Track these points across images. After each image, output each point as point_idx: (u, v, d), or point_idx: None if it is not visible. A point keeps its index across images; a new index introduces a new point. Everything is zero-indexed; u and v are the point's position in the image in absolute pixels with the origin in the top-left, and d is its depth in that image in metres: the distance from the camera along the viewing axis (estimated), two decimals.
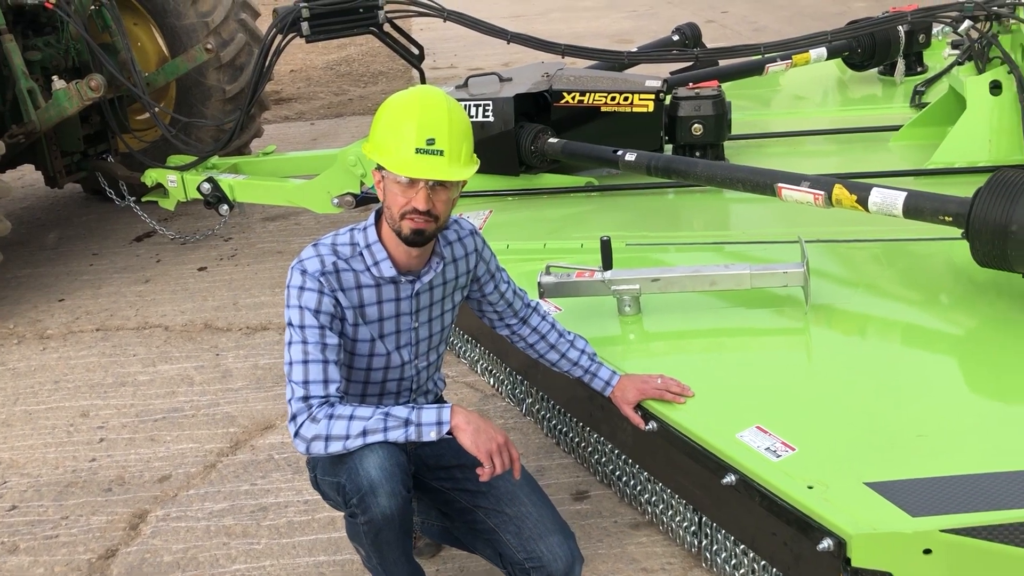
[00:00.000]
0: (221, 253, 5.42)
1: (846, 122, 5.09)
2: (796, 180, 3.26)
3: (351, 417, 2.15)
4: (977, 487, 2.10)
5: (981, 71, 4.39)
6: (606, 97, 4.36)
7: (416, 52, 5.17)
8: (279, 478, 3.24)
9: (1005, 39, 4.37)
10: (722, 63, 5.48)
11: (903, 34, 5.65)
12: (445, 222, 2.30)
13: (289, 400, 2.20)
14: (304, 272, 2.25)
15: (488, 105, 4.30)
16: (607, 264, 3.05)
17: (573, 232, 3.88)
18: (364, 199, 4.58)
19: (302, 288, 2.24)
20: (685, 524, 2.60)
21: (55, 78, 4.95)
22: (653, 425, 2.55)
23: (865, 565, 2.03)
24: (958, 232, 2.92)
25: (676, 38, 5.98)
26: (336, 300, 2.26)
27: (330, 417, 2.15)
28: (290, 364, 2.22)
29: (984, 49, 4.44)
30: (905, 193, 3.01)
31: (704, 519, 2.52)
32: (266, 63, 4.84)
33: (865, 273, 3.34)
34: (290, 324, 2.25)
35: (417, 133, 2.17)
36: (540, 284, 3.09)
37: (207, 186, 5.06)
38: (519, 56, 8.91)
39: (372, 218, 2.34)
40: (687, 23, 6.07)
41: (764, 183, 3.37)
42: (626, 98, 4.34)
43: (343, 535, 2.74)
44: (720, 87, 4.44)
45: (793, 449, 2.31)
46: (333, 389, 2.20)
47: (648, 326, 3.06)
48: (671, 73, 5.35)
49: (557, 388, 3.10)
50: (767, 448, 2.32)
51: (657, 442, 2.57)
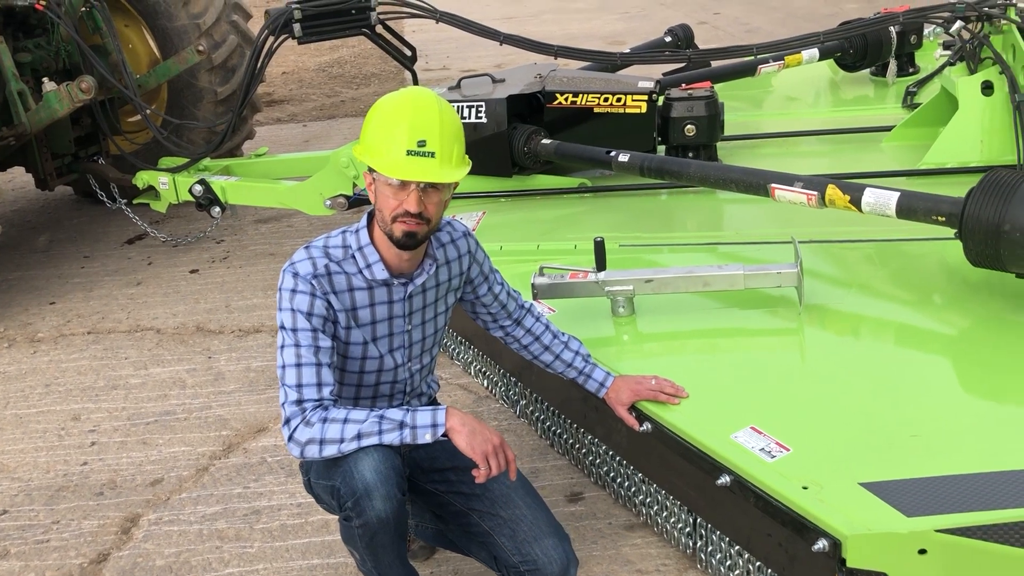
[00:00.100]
0: (213, 255, 5.40)
1: (838, 123, 5.09)
2: (789, 180, 3.27)
3: (345, 420, 2.14)
4: (972, 487, 2.10)
5: (973, 72, 4.40)
6: (599, 98, 4.35)
7: (409, 54, 5.15)
8: (272, 481, 3.22)
9: (996, 39, 4.37)
10: (715, 64, 5.49)
11: (895, 35, 5.66)
12: (437, 224, 2.29)
13: (282, 404, 2.19)
14: (296, 275, 2.24)
15: (481, 106, 4.30)
16: (601, 265, 3.05)
17: (566, 233, 3.88)
18: (357, 201, 4.56)
19: (294, 291, 2.23)
20: (680, 525, 2.59)
21: (45, 80, 4.93)
22: (647, 426, 2.55)
23: (860, 566, 2.02)
24: (951, 232, 2.93)
25: (669, 39, 5.99)
26: (328, 303, 2.25)
27: (324, 420, 2.14)
28: (283, 367, 2.21)
29: (976, 50, 4.44)
30: (898, 193, 3.01)
31: (699, 520, 2.52)
32: (258, 65, 4.82)
33: (859, 273, 3.34)
34: (282, 327, 2.23)
35: (408, 135, 2.16)
36: (534, 285, 3.09)
37: (199, 188, 5.05)
38: (512, 58, 8.92)
39: (364, 220, 2.33)
40: (679, 24, 6.09)
41: (757, 184, 3.37)
42: (619, 99, 4.34)
43: (337, 538, 2.73)
44: (713, 88, 4.45)
45: (788, 450, 2.31)
46: (327, 392, 2.19)
47: (642, 327, 3.06)
48: (663, 74, 5.35)
49: (551, 390, 3.10)
50: (762, 449, 2.32)
51: (651, 443, 2.57)
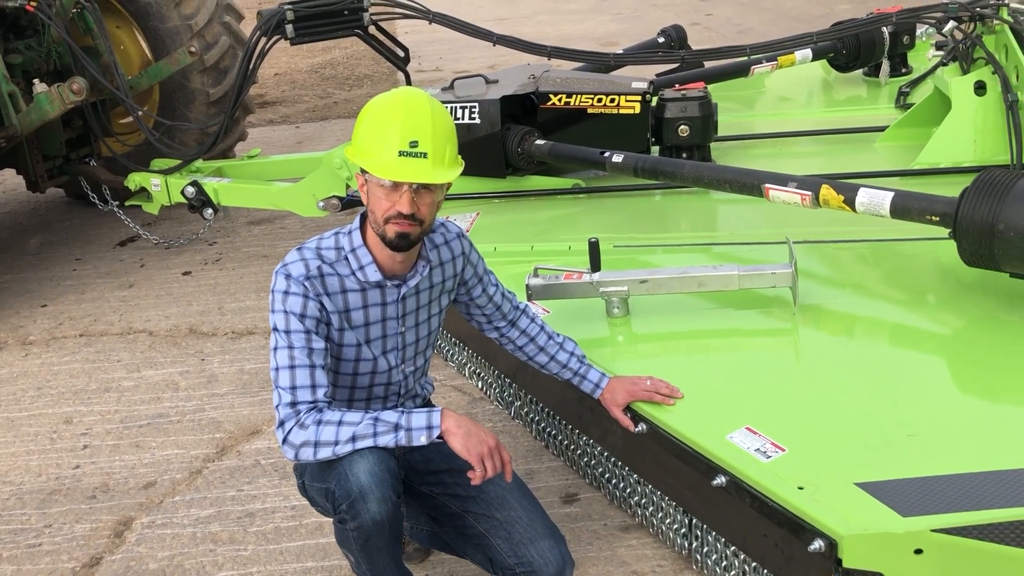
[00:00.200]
0: (206, 257, 5.38)
1: (832, 123, 5.10)
2: (783, 181, 3.27)
3: (340, 422, 2.13)
4: (967, 486, 2.10)
5: (966, 72, 4.41)
6: (592, 99, 4.35)
7: (402, 55, 5.15)
8: (266, 484, 3.21)
9: (989, 39, 4.38)
10: (708, 65, 5.49)
11: (887, 35, 5.68)
12: (430, 225, 2.28)
13: (276, 406, 2.18)
14: (288, 276, 2.23)
15: (474, 107, 4.29)
16: (595, 266, 3.05)
17: (560, 234, 3.87)
18: (350, 202, 4.55)
19: (287, 292, 2.22)
20: (675, 526, 2.59)
21: (36, 81, 4.90)
22: (643, 427, 2.54)
23: (856, 566, 2.02)
24: (945, 232, 2.93)
25: (662, 40, 5.99)
26: (321, 304, 2.24)
27: (318, 423, 2.13)
28: (276, 369, 2.19)
29: (968, 50, 4.46)
30: (892, 193, 3.01)
31: (694, 521, 2.51)
32: (250, 66, 4.81)
33: (853, 273, 3.34)
34: (275, 329, 2.22)
35: (400, 136, 2.15)
36: (528, 286, 3.08)
37: (191, 190, 5.02)
38: (505, 59, 8.91)
39: (357, 221, 2.32)
40: (672, 25, 6.08)
41: (751, 184, 3.37)
42: (612, 100, 4.34)
43: (331, 541, 2.72)
44: (706, 88, 4.44)
45: (783, 450, 2.30)
46: (321, 394, 2.18)
47: (637, 328, 3.06)
48: (657, 75, 5.35)
49: (546, 391, 3.09)
50: (757, 449, 2.31)
51: (647, 444, 2.57)
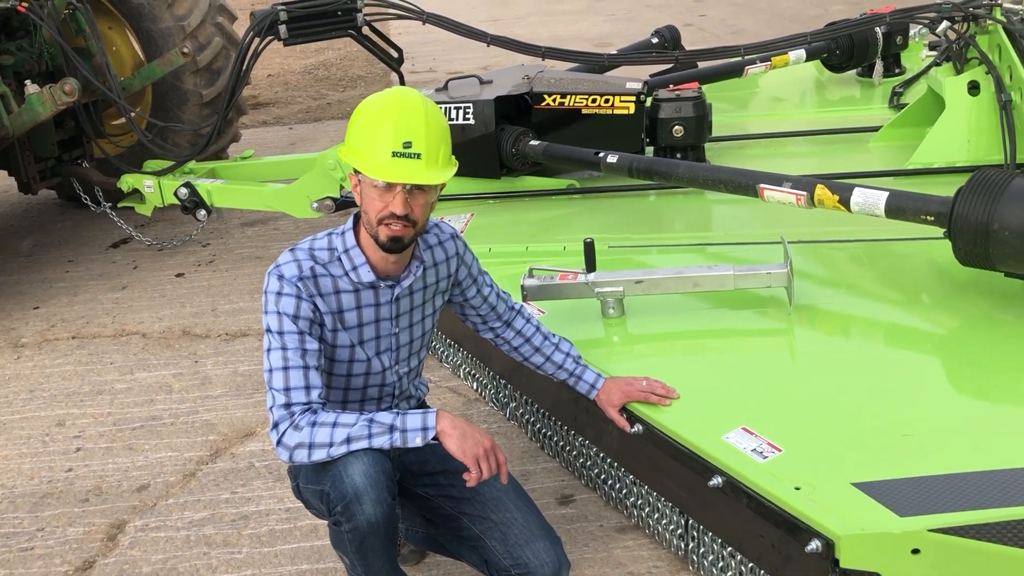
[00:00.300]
0: (199, 259, 5.36)
1: (825, 123, 5.10)
2: (778, 181, 3.26)
3: (334, 424, 2.11)
4: (964, 486, 2.10)
5: (959, 72, 4.42)
6: (587, 99, 4.34)
7: (396, 55, 5.14)
8: (260, 486, 3.20)
9: (982, 39, 4.39)
10: (702, 65, 5.49)
11: (881, 36, 5.68)
12: (424, 227, 2.27)
13: (270, 408, 2.17)
14: (281, 277, 2.22)
15: (468, 108, 4.28)
16: (590, 266, 3.04)
17: (555, 235, 3.87)
18: (344, 203, 4.53)
19: (279, 293, 2.21)
20: (672, 527, 2.58)
21: (28, 83, 4.88)
22: (638, 428, 2.53)
23: (854, 566, 2.02)
24: (940, 232, 2.93)
25: (655, 41, 5.99)
26: (314, 305, 2.23)
27: (313, 424, 2.12)
28: (270, 371, 2.18)
29: (962, 50, 4.46)
30: (887, 193, 3.01)
31: (691, 522, 2.50)
32: (243, 67, 4.79)
33: (848, 273, 3.34)
34: (268, 330, 2.21)
35: (394, 136, 2.14)
36: (523, 287, 3.07)
37: (184, 191, 5.01)
38: (499, 59, 8.90)
39: (350, 222, 2.31)
40: (666, 26, 6.09)
41: (746, 184, 3.37)
42: (607, 100, 4.33)
43: (326, 543, 2.70)
44: (701, 89, 4.44)
45: (779, 450, 2.30)
46: (315, 395, 2.17)
47: (632, 328, 3.05)
48: (651, 75, 5.35)
49: (541, 392, 3.08)
50: (753, 449, 2.31)
51: (642, 445, 2.56)
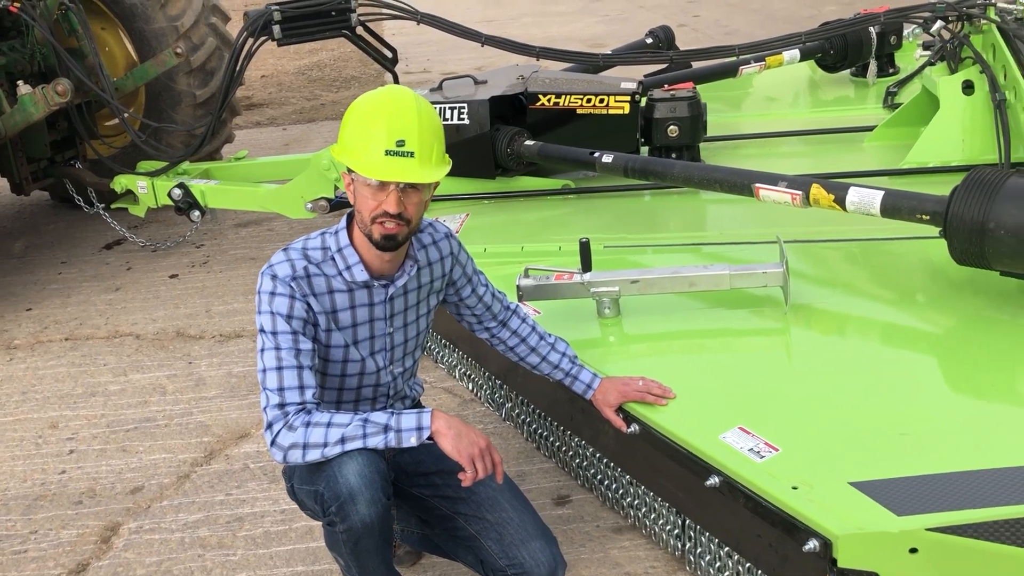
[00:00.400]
0: (193, 260, 5.34)
1: (820, 123, 5.10)
2: (773, 180, 3.26)
3: (329, 424, 2.10)
4: (961, 485, 2.10)
5: (953, 71, 4.42)
6: (582, 99, 4.34)
7: (390, 55, 5.13)
8: (255, 488, 3.18)
9: (976, 39, 4.40)
10: (696, 65, 5.49)
11: (875, 36, 5.69)
12: (417, 225, 2.27)
13: (264, 408, 2.16)
14: (275, 277, 2.21)
15: (463, 108, 4.27)
16: (586, 266, 3.03)
17: (551, 235, 3.86)
18: (338, 204, 4.53)
19: (273, 293, 2.20)
20: (668, 527, 2.57)
21: (20, 83, 4.86)
22: (635, 428, 2.52)
23: (851, 565, 2.01)
24: (935, 230, 2.93)
25: (650, 41, 5.98)
26: (308, 305, 2.22)
27: (307, 424, 2.10)
28: (263, 371, 2.17)
29: (956, 49, 4.47)
30: (882, 192, 3.01)
31: (688, 522, 2.50)
32: (237, 67, 4.77)
33: (843, 273, 3.34)
34: (262, 330, 2.20)
35: (387, 134, 2.13)
36: (519, 287, 3.06)
37: (178, 192, 4.99)
38: (493, 60, 8.90)
39: (344, 221, 2.30)
40: (660, 26, 6.08)
41: (742, 183, 3.36)
42: (602, 100, 4.32)
43: (321, 545, 2.69)
44: (695, 89, 4.44)
45: (776, 450, 2.29)
46: (309, 395, 2.15)
47: (628, 328, 3.04)
48: (645, 75, 5.34)
49: (537, 392, 3.07)
50: (750, 449, 2.30)
51: (639, 445, 2.55)
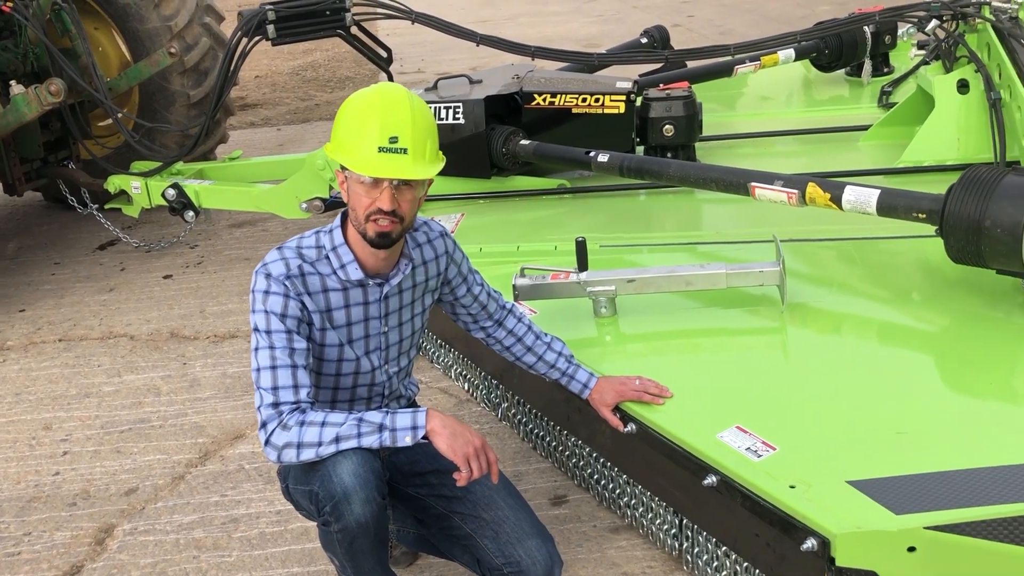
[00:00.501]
0: (187, 260, 5.32)
1: (815, 123, 5.10)
2: (769, 179, 3.25)
3: (323, 423, 2.09)
4: (959, 483, 2.09)
5: (948, 70, 4.42)
6: (577, 99, 4.33)
7: (384, 55, 5.12)
8: (250, 488, 3.17)
9: (971, 38, 4.40)
10: (691, 64, 5.48)
11: (869, 35, 5.70)
12: (411, 223, 2.26)
13: (258, 407, 2.14)
14: (268, 276, 2.20)
15: (458, 107, 4.26)
16: (582, 265, 3.02)
17: (546, 234, 3.85)
18: (333, 204, 4.51)
19: (267, 292, 2.19)
20: (665, 527, 2.56)
21: (13, 83, 4.84)
22: (632, 427, 2.52)
23: (849, 564, 2.00)
24: (931, 229, 2.93)
25: (644, 41, 5.98)
26: (302, 304, 2.21)
27: (301, 424, 2.09)
28: (257, 370, 2.16)
29: (951, 48, 4.47)
30: (879, 191, 3.01)
31: (685, 521, 2.49)
32: (231, 67, 4.76)
33: (839, 271, 3.33)
34: (256, 329, 2.19)
35: (380, 131, 2.12)
36: (515, 286, 3.05)
37: (172, 192, 4.98)
38: (487, 60, 8.89)
39: (338, 220, 2.30)
40: (655, 26, 6.08)
41: (737, 182, 3.36)
42: (597, 99, 4.31)
43: (317, 545, 2.67)
44: (691, 88, 4.43)
45: (774, 449, 2.28)
46: (304, 394, 2.14)
47: (624, 327, 3.03)
48: (640, 75, 5.34)
49: (533, 392, 3.06)
50: (748, 448, 2.29)
51: (636, 444, 2.54)
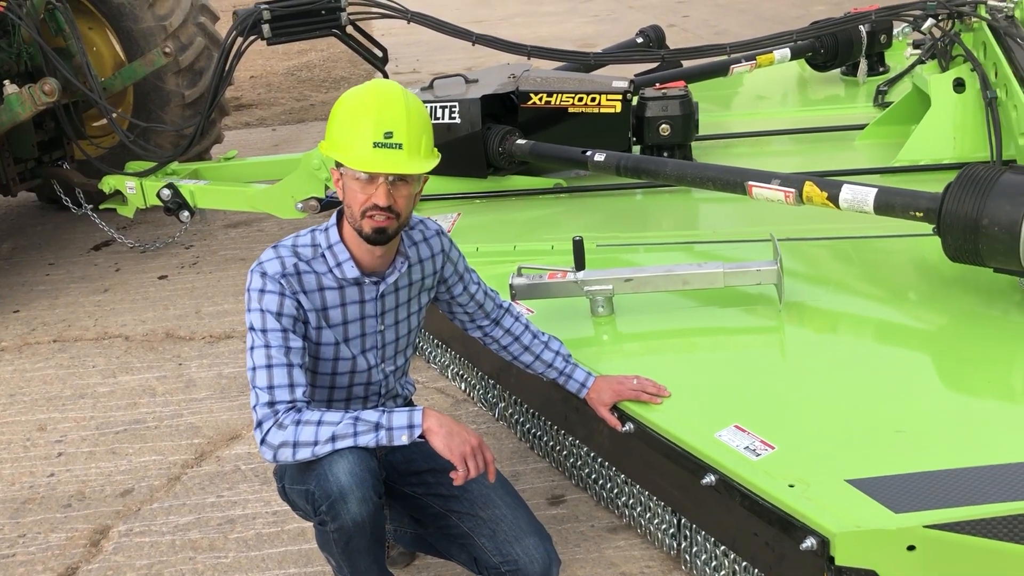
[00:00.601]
0: (182, 261, 5.31)
1: (811, 122, 5.10)
2: (767, 178, 3.25)
3: (319, 422, 2.08)
4: (958, 482, 2.08)
5: (944, 69, 4.43)
6: (573, 98, 4.32)
7: (380, 55, 5.10)
8: (246, 489, 3.15)
9: (967, 37, 4.40)
10: (687, 64, 5.49)
11: (865, 35, 5.70)
12: (407, 219, 2.25)
13: (254, 407, 2.13)
14: (264, 274, 2.19)
15: (454, 107, 4.25)
16: (579, 264, 3.01)
17: (543, 234, 3.84)
18: (328, 203, 4.50)
19: (262, 291, 2.17)
20: (664, 526, 2.56)
21: (7, 83, 4.81)
22: (630, 426, 2.51)
23: (849, 563, 1.99)
24: (928, 228, 2.92)
25: (640, 41, 5.97)
26: (298, 302, 2.20)
27: (297, 423, 2.08)
28: (253, 369, 2.15)
29: (947, 47, 4.47)
30: (876, 190, 3.00)
31: (683, 521, 2.48)
32: (226, 67, 4.74)
33: (836, 270, 3.33)
34: (251, 328, 2.18)
35: (374, 127, 2.12)
36: (512, 286, 3.04)
37: (167, 192, 4.96)
38: (482, 60, 8.87)
39: (334, 218, 2.29)
40: (651, 25, 6.08)
41: (735, 181, 3.35)
42: (593, 99, 4.31)
43: (313, 546, 2.66)
44: (687, 87, 4.43)
45: (772, 447, 2.28)
46: (299, 393, 2.13)
47: (622, 327, 3.03)
48: (636, 74, 5.33)
49: (531, 391, 3.05)
50: (746, 447, 2.28)
51: (634, 444, 2.53)
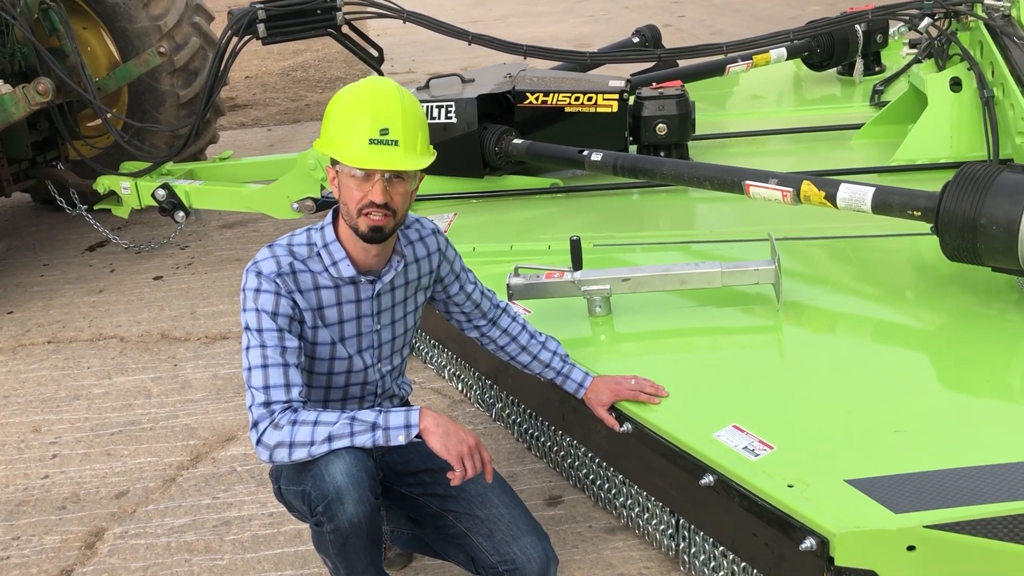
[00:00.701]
0: (177, 261, 5.29)
1: (807, 122, 5.09)
2: (764, 177, 3.24)
3: (315, 422, 2.07)
4: (958, 482, 2.08)
5: (941, 68, 4.42)
6: (570, 97, 4.31)
7: (375, 55, 5.09)
8: (242, 491, 3.14)
9: (964, 36, 4.40)
10: (684, 63, 5.47)
11: (861, 34, 5.70)
12: (403, 217, 2.24)
13: (249, 407, 2.12)
14: (259, 274, 2.17)
15: (450, 106, 4.24)
16: (577, 264, 3.00)
17: (540, 233, 3.83)
18: (324, 203, 4.48)
19: (258, 290, 2.16)
20: (662, 527, 2.55)
21: (0, 82, 4.79)
22: (628, 427, 2.50)
23: (849, 564, 1.99)
24: (925, 227, 2.92)
25: (636, 40, 5.96)
26: (294, 302, 2.19)
27: (293, 423, 2.07)
28: (249, 369, 2.13)
29: (944, 46, 4.47)
30: (873, 189, 3.00)
31: (682, 521, 2.47)
32: (221, 67, 4.73)
33: (834, 270, 3.33)
34: (247, 328, 2.16)
35: (370, 124, 2.11)
36: (509, 286, 3.03)
37: (162, 193, 4.95)
38: (478, 60, 8.86)
39: (329, 217, 2.28)
40: (647, 25, 6.06)
41: (732, 181, 3.34)
42: (590, 98, 4.30)
43: (310, 548, 2.65)
44: (683, 87, 4.42)
45: (771, 447, 2.27)
46: (296, 393, 2.12)
47: (619, 326, 3.02)
48: (632, 74, 5.32)
49: (528, 391, 3.04)
50: (745, 447, 2.28)
51: (632, 444, 2.52)
